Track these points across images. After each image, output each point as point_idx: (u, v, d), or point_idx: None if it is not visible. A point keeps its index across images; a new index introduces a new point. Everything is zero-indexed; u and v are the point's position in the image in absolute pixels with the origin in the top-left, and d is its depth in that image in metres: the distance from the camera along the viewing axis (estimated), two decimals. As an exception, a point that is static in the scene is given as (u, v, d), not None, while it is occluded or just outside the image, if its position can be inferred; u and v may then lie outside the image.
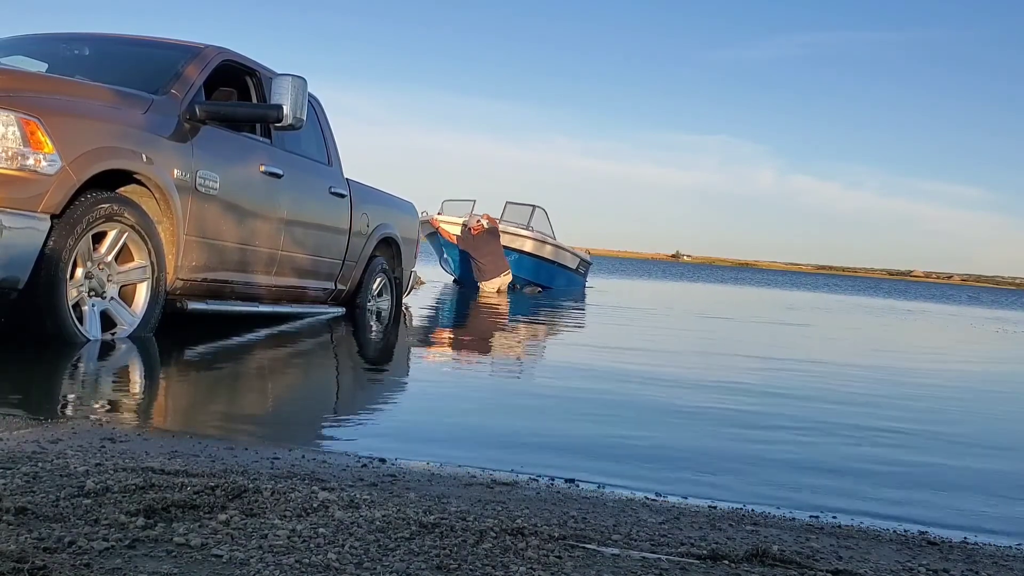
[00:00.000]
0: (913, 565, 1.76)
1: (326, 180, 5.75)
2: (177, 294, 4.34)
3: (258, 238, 4.87)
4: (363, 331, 5.93)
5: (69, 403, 2.82)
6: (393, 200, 7.01)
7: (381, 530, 1.59)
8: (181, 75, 4.42)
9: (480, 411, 3.34)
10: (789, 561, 1.67)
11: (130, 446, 2.13)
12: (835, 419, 3.74)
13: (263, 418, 3.01)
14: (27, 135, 3.29)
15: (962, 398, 5.23)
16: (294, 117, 4.49)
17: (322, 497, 1.77)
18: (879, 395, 4.84)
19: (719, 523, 1.95)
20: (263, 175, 4.88)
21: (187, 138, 4.24)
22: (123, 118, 3.86)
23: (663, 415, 3.52)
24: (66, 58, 4.73)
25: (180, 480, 1.78)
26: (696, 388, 4.48)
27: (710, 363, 5.92)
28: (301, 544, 1.47)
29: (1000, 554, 1.94)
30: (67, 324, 3.56)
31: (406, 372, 4.58)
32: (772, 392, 4.49)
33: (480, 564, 1.47)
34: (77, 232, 3.55)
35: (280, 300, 5.44)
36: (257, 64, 5.15)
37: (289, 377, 3.97)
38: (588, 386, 4.23)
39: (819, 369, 5.97)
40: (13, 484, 1.66)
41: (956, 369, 7.28)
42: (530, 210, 15.00)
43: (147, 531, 1.46)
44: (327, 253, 5.79)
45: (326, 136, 5.93)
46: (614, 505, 2.04)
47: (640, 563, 1.57)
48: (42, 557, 1.29)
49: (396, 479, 2.07)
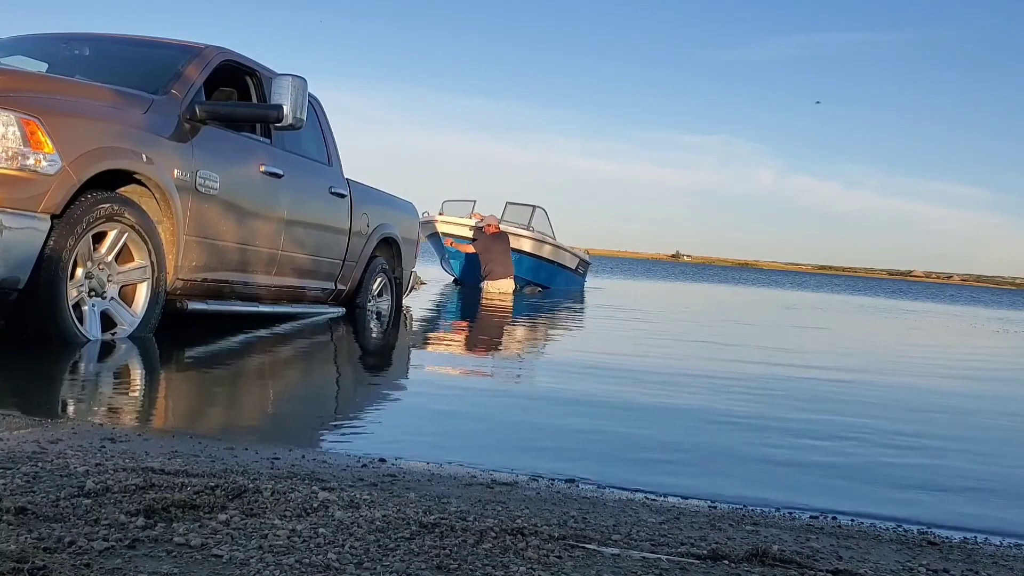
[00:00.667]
0: (913, 565, 1.76)
1: (326, 180, 5.75)
2: (177, 294, 4.34)
3: (258, 238, 4.87)
4: (363, 331, 5.93)
5: (69, 403, 2.82)
6: (393, 200, 7.01)
7: (381, 530, 1.59)
8: (181, 75, 4.42)
9: (480, 411, 3.34)
10: (789, 561, 1.67)
11: (130, 446, 2.13)
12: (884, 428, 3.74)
13: (263, 418, 3.01)
14: (27, 135, 3.29)
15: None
16: (294, 117, 4.49)
17: (322, 497, 1.77)
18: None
19: (719, 523, 1.95)
20: (263, 175, 4.88)
21: (187, 138, 4.24)
22: (123, 118, 3.86)
23: (665, 413, 3.52)
24: (66, 58, 4.73)
25: (180, 480, 1.78)
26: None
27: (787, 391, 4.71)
28: (301, 544, 1.47)
29: (1000, 554, 1.94)
30: (67, 324, 3.56)
31: (406, 372, 4.58)
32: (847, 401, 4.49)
33: (480, 564, 1.47)
34: (77, 232, 3.55)
35: (280, 300, 5.44)
36: (257, 64, 5.15)
37: (289, 377, 3.97)
38: (591, 388, 4.23)
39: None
40: (13, 484, 1.66)
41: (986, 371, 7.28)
42: (530, 210, 15.00)
43: (147, 531, 1.46)
44: (327, 253, 5.79)
45: (326, 136, 5.93)
46: (614, 505, 2.04)
47: (640, 563, 1.57)
48: (42, 557, 1.29)
49: (396, 479, 2.07)
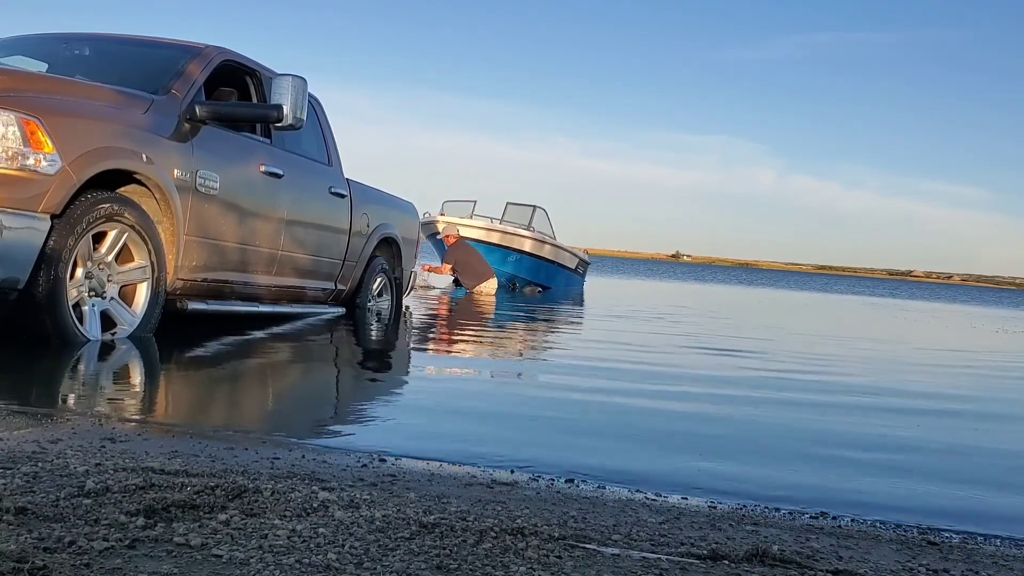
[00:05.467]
0: (913, 565, 1.76)
1: (326, 180, 5.76)
2: (177, 294, 4.34)
3: (258, 238, 4.87)
4: (363, 331, 5.93)
5: (69, 403, 2.82)
6: (393, 200, 7.02)
7: (381, 530, 1.59)
8: (181, 75, 4.42)
9: (480, 411, 3.34)
10: (789, 561, 1.67)
11: (130, 446, 2.13)
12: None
13: (263, 418, 3.01)
14: (27, 135, 3.29)
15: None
16: (294, 117, 4.49)
17: (322, 497, 1.77)
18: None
19: (719, 523, 1.95)
20: (263, 175, 4.88)
21: (187, 138, 4.24)
22: (123, 118, 3.86)
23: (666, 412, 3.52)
24: (66, 58, 4.73)
25: (180, 480, 1.78)
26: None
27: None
28: (301, 544, 1.47)
29: (1000, 554, 1.94)
30: (67, 324, 3.56)
31: (406, 372, 4.58)
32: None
33: (480, 564, 1.47)
34: (77, 232, 3.55)
35: (280, 300, 5.44)
36: (257, 64, 5.15)
37: (289, 377, 3.97)
38: (596, 386, 4.23)
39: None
40: (13, 484, 1.66)
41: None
42: (531, 210, 15.01)
43: (147, 531, 1.46)
44: (327, 253, 5.79)
45: (326, 136, 5.93)
46: (614, 505, 2.03)
47: (640, 563, 1.57)
48: (42, 557, 1.29)
49: (396, 479, 2.07)
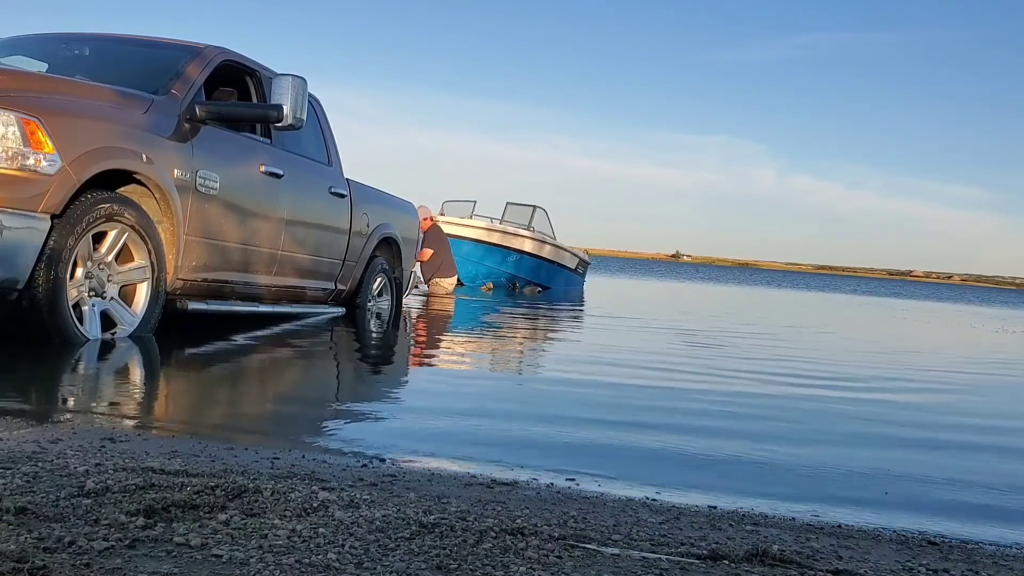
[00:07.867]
0: (913, 565, 1.76)
1: (326, 180, 5.75)
2: (177, 294, 4.34)
3: (258, 238, 4.87)
4: (363, 331, 5.93)
5: (69, 403, 2.82)
6: (393, 200, 7.01)
7: (381, 530, 1.59)
8: (181, 75, 4.42)
9: (480, 411, 3.34)
10: (789, 561, 1.67)
11: (130, 446, 2.13)
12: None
13: (263, 418, 3.01)
14: (27, 135, 3.29)
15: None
16: (294, 117, 4.49)
17: (322, 497, 1.77)
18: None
19: (719, 523, 1.95)
20: (263, 175, 4.88)
21: (187, 138, 4.24)
22: (123, 118, 3.86)
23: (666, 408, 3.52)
24: (66, 58, 4.73)
25: (180, 480, 1.78)
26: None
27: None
28: (301, 544, 1.47)
29: (1000, 554, 1.94)
30: (67, 324, 3.56)
31: (406, 372, 4.58)
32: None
33: (480, 564, 1.47)
34: (77, 232, 3.55)
35: (280, 300, 5.44)
36: (257, 64, 5.15)
37: (289, 377, 3.97)
38: (595, 387, 4.24)
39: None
40: (13, 484, 1.66)
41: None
42: (531, 210, 15.01)
43: (147, 531, 1.46)
44: (327, 253, 5.79)
45: (326, 136, 5.93)
46: (614, 505, 2.03)
47: (640, 563, 1.57)
48: (42, 557, 1.29)
49: (396, 479, 2.07)
